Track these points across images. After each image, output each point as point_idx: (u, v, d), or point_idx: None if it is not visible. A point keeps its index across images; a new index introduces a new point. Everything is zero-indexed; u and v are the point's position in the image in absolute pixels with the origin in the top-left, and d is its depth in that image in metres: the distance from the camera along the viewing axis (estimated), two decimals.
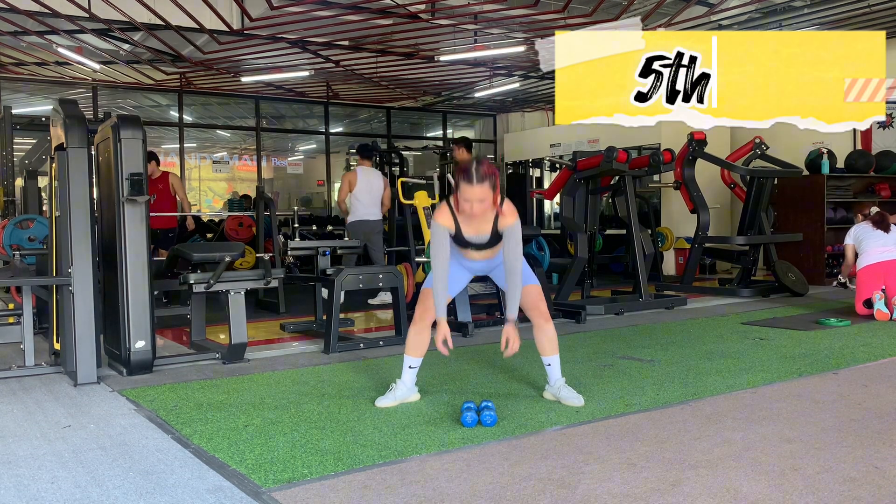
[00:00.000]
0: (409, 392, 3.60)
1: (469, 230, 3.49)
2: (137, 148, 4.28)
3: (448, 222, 3.47)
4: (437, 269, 3.46)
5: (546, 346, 3.57)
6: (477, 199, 3.33)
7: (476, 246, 3.52)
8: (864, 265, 6.17)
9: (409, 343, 3.60)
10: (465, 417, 3.18)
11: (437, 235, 3.47)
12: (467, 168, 3.33)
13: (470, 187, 3.32)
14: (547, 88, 12.53)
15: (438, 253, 3.46)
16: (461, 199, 3.38)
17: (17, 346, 4.74)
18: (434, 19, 8.28)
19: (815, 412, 3.29)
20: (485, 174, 3.32)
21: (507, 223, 3.44)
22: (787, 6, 8.42)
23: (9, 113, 7.91)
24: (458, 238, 3.51)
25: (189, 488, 2.50)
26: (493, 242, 3.50)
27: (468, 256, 3.59)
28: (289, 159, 14.16)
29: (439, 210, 3.53)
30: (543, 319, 3.57)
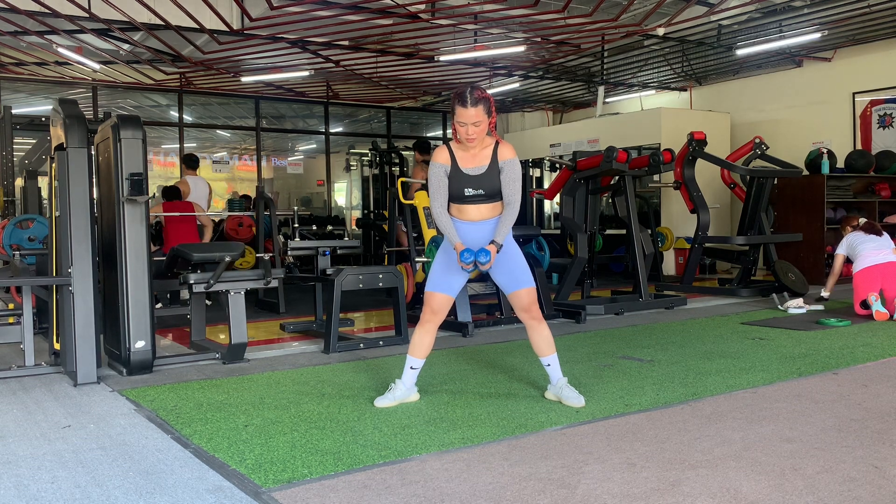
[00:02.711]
0: (408, 392, 3.60)
1: (466, 161, 3.49)
2: (137, 148, 4.28)
3: (445, 159, 3.50)
4: (436, 206, 3.48)
5: (542, 347, 3.57)
6: (472, 122, 3.37)
7: (473, 182, 3.47)
8: (860, 268, 6.18)
9: (413, 343, 3.60)
10: (464, 256, 3.35)
11: (435, 174, 3.49)
12: (462, 91, 3.39)
13: (464, 110, 3.36)
14: (547, 88, 12.54)
15: (437, 191, 3.49)
16: (456, 123, 3.42)
17: (17, 346, 4.74)
18: (434, 19, 8.28)
19: (815, 412, 3.29)
20: (479, 97, 3.37)
21: (507, 156, 3.48)
22: (787, 6, 8.43)
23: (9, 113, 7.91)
24: (456, 174, 3.48)
25: (189, 488, 2.50)
26: (490, 177, 3.47)
27: (465, 217, 3.52)
28: (289, 159, 14.16)
29: (437, 150, 3.55)
30: (536, 321, 3.56)
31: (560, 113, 14.34)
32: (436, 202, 3.50)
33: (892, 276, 6.05)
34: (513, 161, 3.48)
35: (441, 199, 3.50)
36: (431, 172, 3.50)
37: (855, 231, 6.45)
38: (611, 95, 12.66)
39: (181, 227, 7.41)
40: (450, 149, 3.53)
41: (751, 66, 11.03)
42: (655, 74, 11.73)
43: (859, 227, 6.47)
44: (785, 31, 9.20)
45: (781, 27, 9.16)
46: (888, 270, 6.06)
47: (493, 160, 3.48)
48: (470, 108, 3.35)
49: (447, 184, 3.49)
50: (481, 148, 3.50)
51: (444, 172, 3.48)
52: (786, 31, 9.20)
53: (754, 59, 10.56)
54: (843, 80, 10.16)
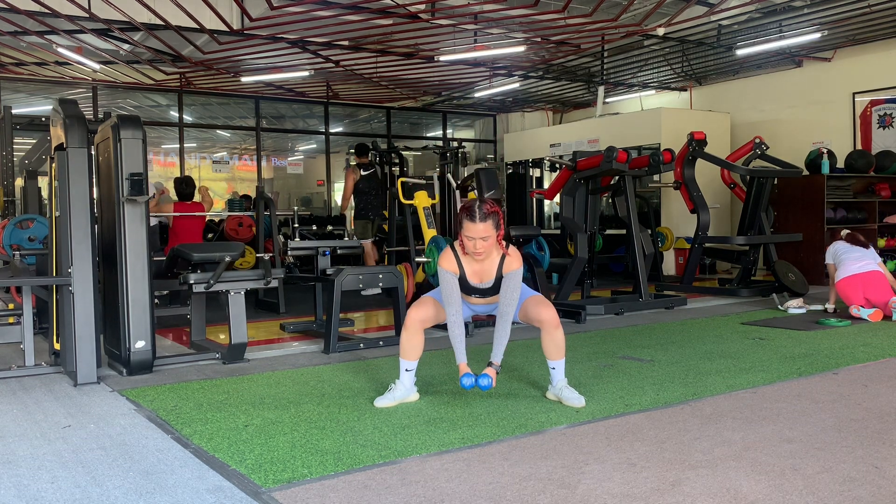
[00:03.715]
0: (407, 392, 3.60)
1: (473, 276, 3.56)
2: (137, 148, 4.28)
3: (453, 267, 3.55)
4: (450, 313, 3.51)
5: (552, 352, 3.58)
6: (479, 237, 3.41)
7: (480, 292, 3.60)
8: (843, 276, 6.19)
9: (402, 348, 3.61)
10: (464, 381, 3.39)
11: (446, 281, 3.53)
12: (470, 206, 3.43)
13: (473, 224, 3.40)
14: (547, 88, 12.54)
15: (450, 297, 3.52)
16: (464, 236, 3.46)
17: (17, 346, 4.74)
18: (434, 19, 8.28)
19: (815, 412, 3.29)
20: (487, 212, 3.41)
21: (511, 268, 3.53)
22: (787, 6, 8.42)
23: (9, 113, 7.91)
24: (463, 284, 3.56)
25: (189, 488, 2.50)
26: (496, 288, 3.57)
27: (470, 302, 3.70)
28: (289, 159, 14.15)
29: (443, 256, 3.59)
30: (553, 326, 3.57)
31: (560, 113, 14.34)
32: (450, 308, 3.52)
33: (874, 284, 6.06)
34: (515, 273, 3.52)
35: (455, 305, 3.52)
36: (443, 280, 3.54)
37: (840, 241, 6.48)
38: (611, 95, 12.66)
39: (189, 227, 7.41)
40: (456, 255, 3.55)
41: (751, 66, 11.03)
42: (655, 74, 11.73)
43: (844, 237, 6.50)
44: (785, 31, 9.20)
45: (781, 27, 9.15)
46: (870, 279, 6.09)
47: (499, 273, 3.55)
48: (479, 224, 3.38)
49: (459, 289, 3.55)
50: (489, 262, 3.54)
51: (454, 279, 3.53)
52: (786, 31, 9.19)
53: (754, 59, 10.56)
54: (843, 80, 10.16)
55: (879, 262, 6.27)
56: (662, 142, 9.79)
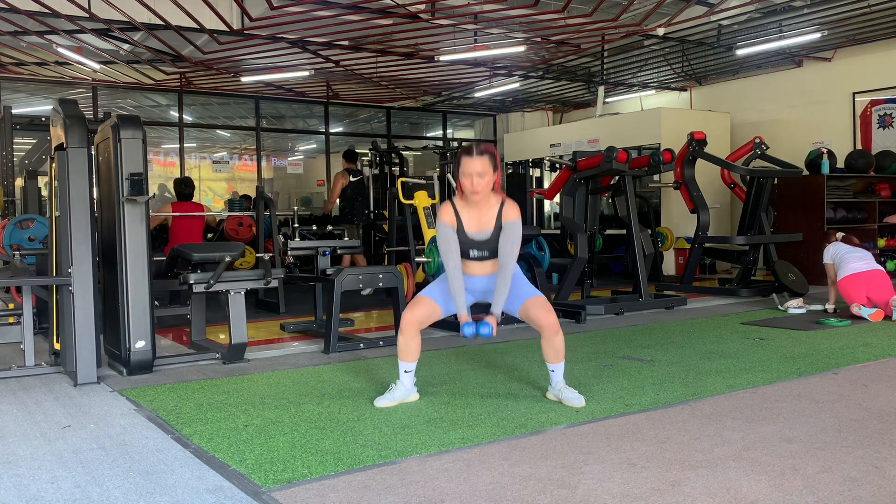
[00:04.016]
0: (407, 393, 3.60)
1: (471, 225, 3.51)
2: (137, 148, 4.28)
3: (451, 219, 3.52)
4: (449, 266, 3.48)
5: (550, 356, 3.56)
6: (476, 173, 3.39)
7: (478, 245, 3.53)
8: (845, 275, 6.18)
9: (400, 350, 3.59)
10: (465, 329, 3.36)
11: (443, 233, 3.50)
12: (468, 145, 3.44)
13: (469, 160, 3.39)
14: (547, 88, 12.54)
15: (448, 250, 3.49)
16: (461, 175, 3.43)
17: (17, 346, 4.74)
18: (434, 19, 8.28)
19: (815, 412, 3.29)
20: (485, 150, 3.42)
21: (510, 217, 3.48)
22: (787, 6, 8.42)
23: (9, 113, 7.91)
24: (460, 237, 3.52)
25: (189, 488, 2.50)
26: (495, 241, 3.51)
27: (469, 271, 3.60)
28: (289, 159, 14.15)
29: (441, 208, 3.56)
30: (552, 332, 3.53)
31: (560, 113, 14.34)
32: (449, 262, 3.50)
33: (877, 282, 6.06)
34: (515, 223, 3.49)
35: (454, 259, 3.50)
36: (440, 232, 3.52)
37: (836, 242, 6.47)
38: (611, 95, 12.66)
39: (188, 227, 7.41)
40: (454, 206, 3.53)
41: (751, 66, 11.03)
42: (655, 74, 11.73)
43: (840, 239, 6.50)
44: (785, 31, 9.20)
45: (781, 27, 9.15)
46: (873, 277, 6.09)
47: (498, 222, 3.50)
48: (476, 159, 3.38)
49: (458, 241, 3.51)
50: (487, 208, 3.51)
51: (452, 232, 3.51)
52: (786, 31, 9.19)
53: (754, 59, 10.56)
54: (843, 80, 10.16)
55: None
56: (662, 142, 9.79)
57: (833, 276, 6.35)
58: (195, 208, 7.54)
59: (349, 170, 9.42)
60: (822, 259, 6.48)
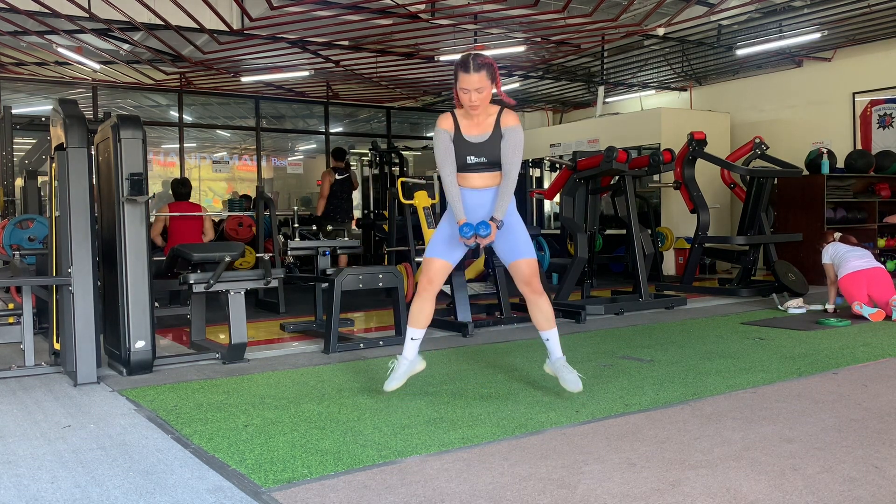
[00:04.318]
0: (412, 364, 3.57)
1: (469, 128, 3.46)
2: (137, 148, 4.28)
3: (448, 125, 3.48)
4: (445, 174, 3.45)
5: (542, 322, 3.54)
6: (474, 88, 3.34)
7: (476, 150, 3.46)
8: (846, 273, 6.18)
9: (412, 314, 3.56)
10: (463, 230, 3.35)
11: (440, 140, 3.46)
12: (464, 58, 3.36)
13: (467, 75, 3.33)
14: (547, 88, 12.54)
15: (445, 157, 3.45)
16: (459, 90, 3.38)
17: (17, 346, 4.74)
18: (434, 19, 8.29)
19: (815, 412, 3.29)
20: (482, 63, 3.34)
21: (510, 122, 3.44)
22: (787, 6, 8.43)
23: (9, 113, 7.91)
24: (458, 142, 3.46)
25: (189, 488, 2.50)
26: (492, 145, 3.45)
27: (467, 184, 3.52)
28: (289, 159, 14.16)
29: (441, 117, 3.52)
30: (536, 294, 3.50)
31: (560, 113, 14.34)
32: (445, 170, 3.45)
33: (878, 280, 6.06)
34: (515, 128, 3.44)
35: (450, 166, 3.46)
36: (437, 139, 3.48)
37: (836, 242, 6.47)
38: (611, 95, 12.66)
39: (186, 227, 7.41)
40: (453, 115, 3.50)
41: (751, 66, 11.03)
42: (655, 74, 11.73)
43: (839, 239, 6.49)
44: (785, 31, 9.20)
45: (781, 27, 9.16)
46: (874, 275, 6.08)
47: (496, 127, 3.45)
48: (473, 74, 3.32)
49: (454, 150, 3.46)
50: (485, 115, 3.46)
51: (449, 138, 3.46)
52: (786, 31, 9.20)
53: (754, 59, 10.56)
54: (843, 80, 10.16)
55: None
56: (662, 142, 9.79)
57: (833, 277, 6.35)
58: (192, 208, 7.54)
59: (336, 168, 9.55)
60: (822, 259, 6.48)
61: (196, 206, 7.64)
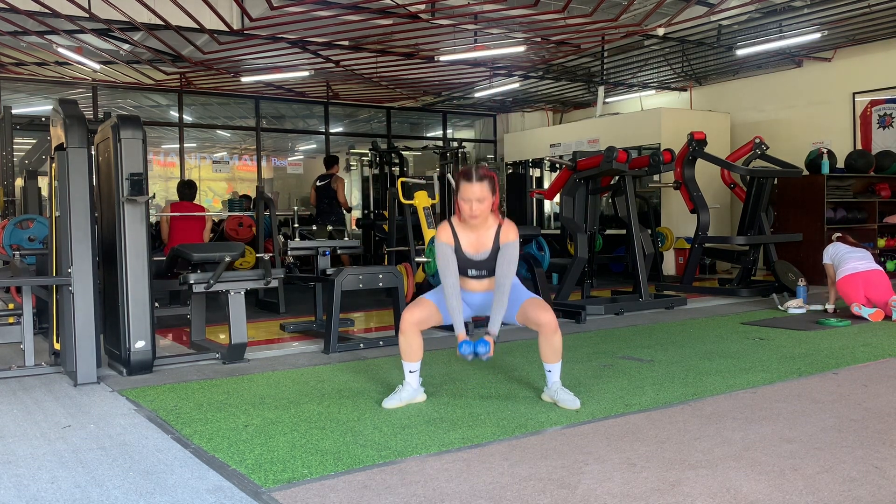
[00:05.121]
0: (415, 393, 3.59)
1: (469, 246, 3.52)
2: (137, 148, 4.28)
3: (448, 238, 3.53)
4: (447, 285, 3.49)
5: (549, 355, 3.55)
6: (476, 199, 3.38)
7: (476, 265, 3.54)
8: (843, 275, 6.18)
9: (402, 350, 3.59)
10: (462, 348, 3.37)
11: (442, 252, 3.51)
12: (467, 169, 3.41)
13: (469, 185, 3.38)
14: (547, 88, 12.54)
15: (446, 269, 3.50)
16: (460, 199, 3.42)
17: (17, 346, 4.74)
18: (434, 19, 8.28)
19: (815, 412, 3.29)
20: (484, 174, 3.40)
21: (509, 238, 3.50)
22: (787, 6, 8.42)
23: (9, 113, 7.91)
24: (459, 257, 3.53)
25: (189, 488, 2.50)
26: (493, 261, 3.52)
27: (467, 287, 3.62)
28: (289, 159, 14.16)
29: (440, 228, 3.57)
30: (551, 331, 3.51)
31: (560, 113, 14.34)
32: (447, 280, 3.50)
33: (875, 282, 6.06)
34: (512, 244, 3.49)
35: (451, 277, 3.50)
36: (439, 251, 3.53)
37: (836, 242, 6.47)
38: (611, 95, 12.66)
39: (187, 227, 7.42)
40: (452, 227, 3.53)
41: (751, 66, 11.02)
42: (655, 74, 11.73)
43: (839, 239, 6.49)
44: (785, 31, 9.20)
45: (781, 27, 9.15)
46: (871, 278, 6.08)
47: (496, 243, 3.50)
48: (475, 184, 3.36)
49: (456, 260, 3.52)
50: (485, 229, 3.51)
51: (450, 251, 3.51)
52: (786, 31, 9.19)
53: (754, 59, 10.56)
54: (843, 80, 10.16)
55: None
56: (662, 142, 9.79)
57: (833, 277, 6.35)
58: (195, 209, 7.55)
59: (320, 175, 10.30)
60: (822, 259, 6.48)
61: (199, 206, 7.65)
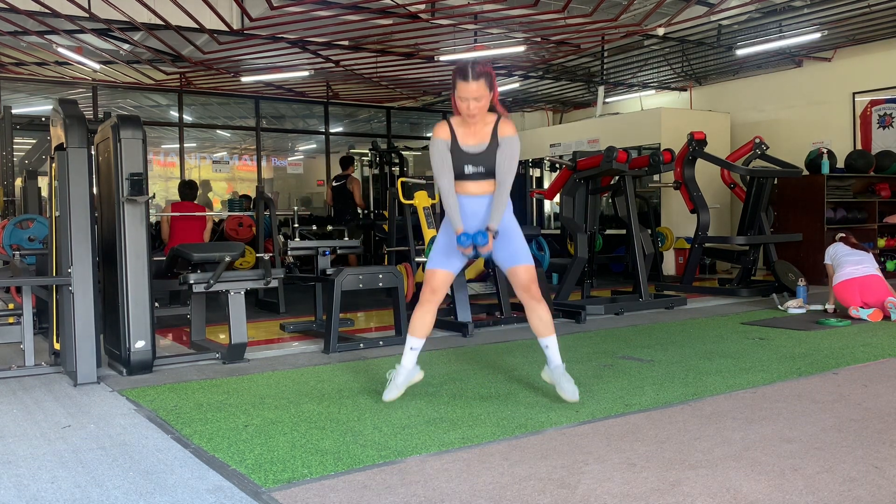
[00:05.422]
0: (410, 374, 3.56)
1: (467, 138, 3.44)
2: (137, 148, 4.28)
3: (445, 134, 3.45)
4: (443, 185, 3.43)
5: (540, 328, 3.52)
6: (473, 97, 3.31)
7: (473, 160, 3.44)
8: (840, 280, 6.17)
9: (413, 324, 3.55)
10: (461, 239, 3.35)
11: (437, 150, 3.44)
12: (463, 66, 3.32)
13: (465, 84, 3.30)
14: (547, 88, 12.54)
15: (442, 167, 3.43)
16: (457, 98, 3.35)
17: (17, 346, 4.74)
18: (434, 19, 8.28)
19: (815, 412, 3.29)
20: (480, 72, 3.31)
21: (507, 132, 3.42)
22: (787, 6, 8.43)
23: (9, 113, 7.91)
24: (456, 152, 3.44)
25: (189, 488, 2.50)
26: (490, 155, 3.43)
27: (464, 190, 3.50)
28: (289, 159, 14.16)
29: (438, 126, 3.50)
30: (535, 301, 3.47)
31: (560, 113, 14.34)
32: (443, 179, 3.43)
33: (871, 287, 6.04)
34: (511, 138, 3.41)
35: (447, 175, 3.43)
36: (434, 149, 3.45)
37: (837, 242, 6.47)
38: (611, 95, 12.66)
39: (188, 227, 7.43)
40: (450, 124, 3.47)
41: (751, 66, 11.03)
42: (655, 74, 11.73)
43: (842, 239, 6.48)
44: (785, 31, 9.20)
45: (781, 27, 9.15)
46: (867, 283, 6.07)
47: (494, 137, 3.42)
48: (471, 83, 3.28)
49: (451, 159, 3.44)
50: (483, 124, 3.43)
51: (446, 148, 3.43)
52: (786, 31, 9.19)
53: (754, 59, 10.56)
54: (843, 80, 10.16)
55: (877, 268, 6.25)
56: (662, 142, 9.79)
57: (832, 277, 6.35)
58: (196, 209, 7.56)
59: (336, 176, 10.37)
60: (824, 259, 6.49)
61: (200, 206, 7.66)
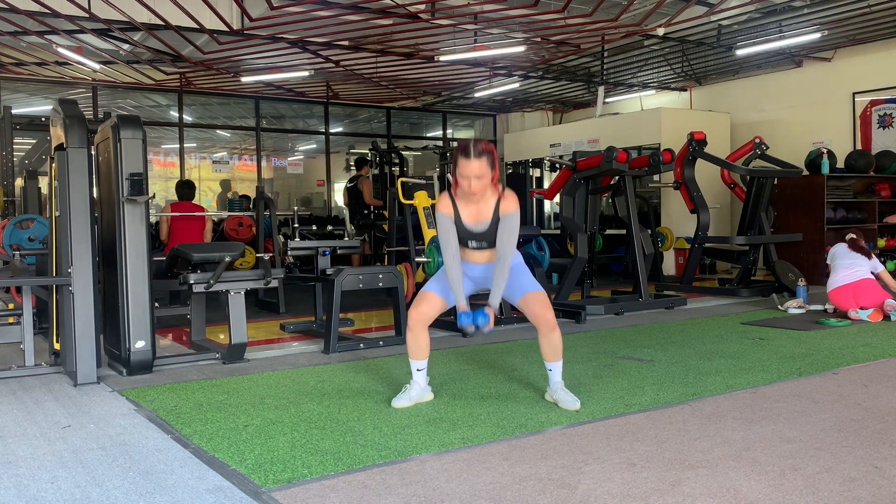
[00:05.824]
0: (423, 392, 3.59)
1: (469, 218, 3.47)
2: (137, 148, 4.28)
3: (449, 210, 3.48)
4: (448, 256, 3.45)
5: (548, 354, 3.55)
6: (475, 176, 3.33)
7: (476, 237, 3.49)
8: (833, 287, 6.17)
9: (409, 348, 3.59)
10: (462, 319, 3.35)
11: (442, 224, 3.47)
12: (465, 145, 3.35)
13: (467, 162, 3.32)
14: (547, 88, 12.54)
15: (447, 241, 3.46)
16: (459, 176, 3.37)
17: (17, 346, 4.74)
18: (434, 19, 8.28)
19: (815, 412, 3.29)
20: (482, 150, 3.33)
21: (508, 209, 3.44)
22: (787, 6, 8.42)
23: (9, 113, 7.91)
24: (458, 228, 3.48)
25: (189, 488, 2.50)
26: (493, 232, 3.46)
27: (469, 258, 3.58)
28: (289, 159, 14.15)
29: (440, 200, 3.53)
30: (549, 328, 3.51)
31: (560, 113, 14.34)
32: (447, 253, 3.48)
33: (865, 291, 6.03)
34: (513, 215, 3.44)
35: (451, 250, 3.48)
36: (439, 223, 3.50)
37: (841, 243, 6.45)
38: (611, 95, 12.66)
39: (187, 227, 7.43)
40: (452, 198, 3.50)
41: (751, 66, 11.02)
42: (655, 74, 11.73)
43: (846, 240, 6.46)
44: (785, 31, 9.19)
45: (781, 27, 9.15)
46: (860, 287, 6.05)
47: (496, 214, 3.46)
48: (473, 161, 3.31)
49: (456, 232, 3.49)
50: (484, 202, 3.47)
51: (451, 222, 3.48)
52: (786, 31, 9.19)
53: (754, 59, 10.56)
54: (843, 80, 10.15)
55: (882, 271, 6.21)
56: (662, 142, 9.79)
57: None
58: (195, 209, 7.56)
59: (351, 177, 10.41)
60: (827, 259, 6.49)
61: (199, 206, 7.66)
